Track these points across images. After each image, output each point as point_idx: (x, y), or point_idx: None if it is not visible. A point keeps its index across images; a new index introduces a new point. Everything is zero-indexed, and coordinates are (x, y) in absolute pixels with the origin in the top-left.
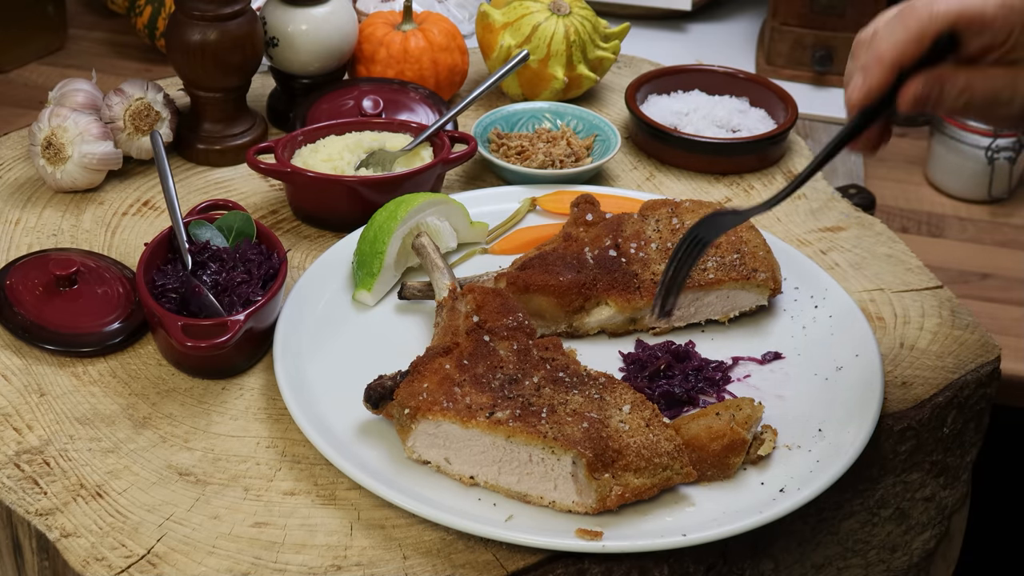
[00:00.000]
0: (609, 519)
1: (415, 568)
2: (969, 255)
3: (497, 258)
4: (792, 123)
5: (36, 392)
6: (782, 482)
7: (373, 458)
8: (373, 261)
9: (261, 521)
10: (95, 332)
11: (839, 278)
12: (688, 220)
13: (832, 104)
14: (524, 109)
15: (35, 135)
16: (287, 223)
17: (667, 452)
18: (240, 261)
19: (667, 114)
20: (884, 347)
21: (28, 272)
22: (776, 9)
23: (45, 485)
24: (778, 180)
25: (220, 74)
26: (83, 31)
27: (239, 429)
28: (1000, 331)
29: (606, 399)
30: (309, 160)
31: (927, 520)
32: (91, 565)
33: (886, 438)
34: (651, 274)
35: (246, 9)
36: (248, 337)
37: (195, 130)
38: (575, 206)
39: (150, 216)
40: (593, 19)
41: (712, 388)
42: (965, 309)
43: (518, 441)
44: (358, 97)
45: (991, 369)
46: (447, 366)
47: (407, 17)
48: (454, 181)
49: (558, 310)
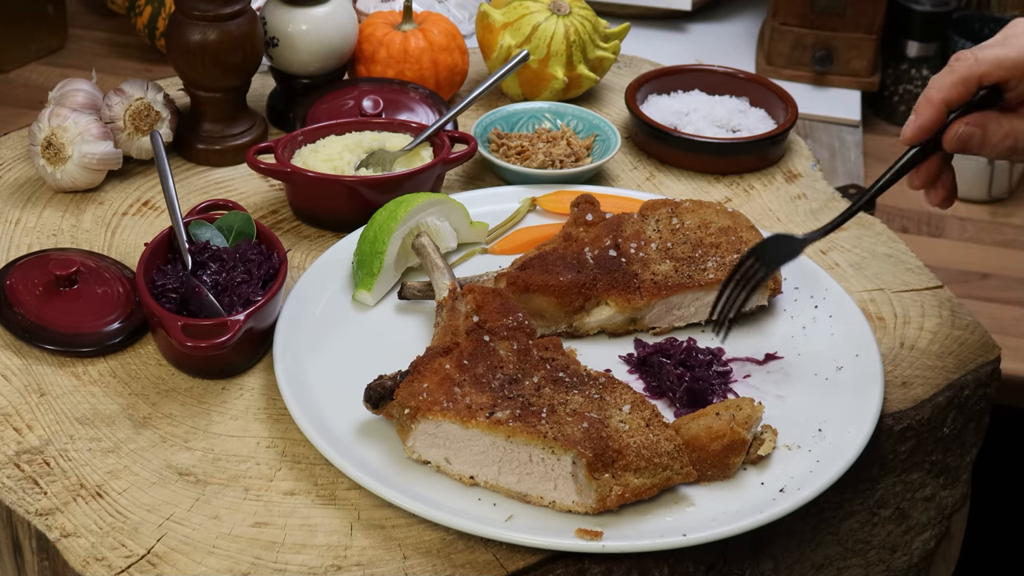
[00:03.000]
0: (609, 519)
1: (415, 568)
2: (969, 255)
3: (497, 258)
4: (792, 123)
5: (36, 392)
6: (782, 482)
7: (373, 458)
8: (373, 261)
9: (261, 521)
10: (95, 332)
11: (839, 278)
12: (688, 220)
13: (832, 104)
14: (524, 109)
15: (35, 135)
16: (287, 223)
17: (667, 452)
18: (240, 261)
19: (667, 114)
20: (884, 347)
21: (28, 272)
22: (776, 9)
23: (45, 485)
24: (778, 180)
25: (220, 74)
26: (83, 31)
27: (239, 429)
28: (1000, 331)
29: (606, 399)
30: (309, 160)
31: (927, 520)
32: (91, 565)
33: (886, 438)
34: (651, 274)
35: (246, 9)
36: (248, 337)
37: (195, 130)
38: (575, 206)
39: (150, 216)
40: (593, 19)
41: (722, 386)
42: (965, 309)
43: (518, 441)
44: (358, 97)
45: (991, 369)
46: (447, 366)
47: (407, 17)
48: (454, 181)
49: (558, 310)
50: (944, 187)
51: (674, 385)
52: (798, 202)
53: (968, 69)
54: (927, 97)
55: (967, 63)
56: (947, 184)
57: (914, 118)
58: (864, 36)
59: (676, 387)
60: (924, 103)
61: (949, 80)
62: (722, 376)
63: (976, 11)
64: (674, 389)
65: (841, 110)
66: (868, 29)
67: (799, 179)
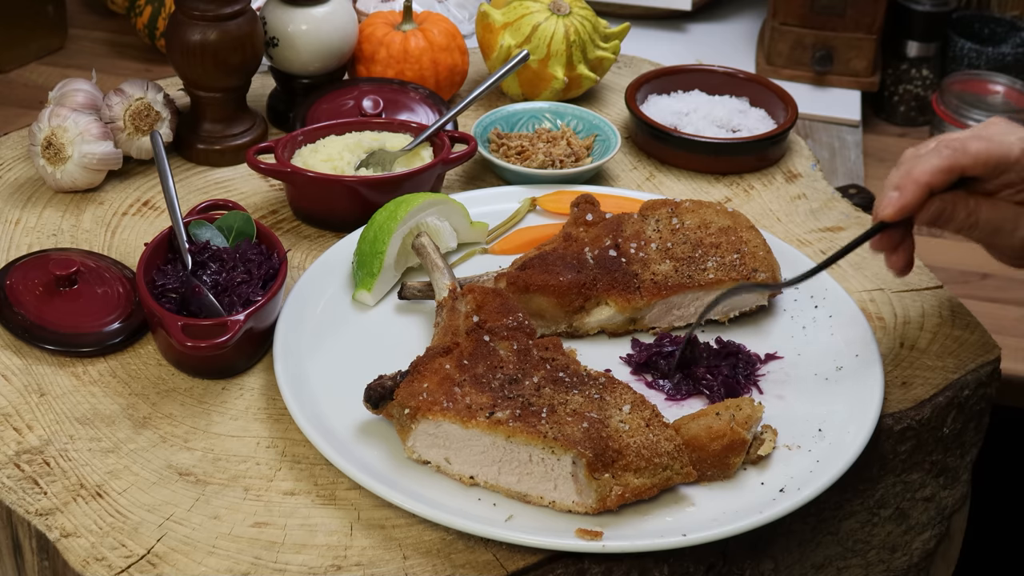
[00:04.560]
0: (609, 519)
1: (415, 568)
2: (969, 255)
3: (497, 258)
4: (792, 123)
5: (36, 392)
6: (782, 482)
7: (373, 458)
8: (373, 261)
9: (261, 521)
10: (95, 332)
11: (839, 278)
12: (688, 220)
13: (832, 104)
14: (524, 109)
15: (35, 135)
16: (287, 223)
17: (667, 452)
18: (240, 261)
19: (667, 114)
20: (884, 347)
21: (28, 272)
22: (776, 9)
23: (45, 485)
24: (778, 180)
25: (220, 74)
26: (83, 31)
27: (239, 429)
28: (1000, 331)
29: (606, 399)
30: (309, 160)
31: (927, 520)
32: (91, 565)
33: (886, 438)
34: (651, 274)
35: (246, 9)
36: (248, 337)
37: (195, 130)
38: (575, 206)
39: (150, 216)
40: (593, 19)
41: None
42: (965, 309)
43: (518, 441)
44: (358, 97)
45: (991, 369)
46: (447, 366)
47: (407, 17)
48: (454, 181)
49: (558, 310)
50: (906, 253)
51: (708, 376)
52: (798, 202)
53: (955, 159)
54: (914, 179)
55: (954, 153)
56: (908, 251)
57: (897, 196)
58: (864, 36)
59: (712, 379)
60: (911, 184)
61: (936, 165)
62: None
63: (976, 11)
64: (711, 385)
65: (841, 110)
66: (868, 29)
67: (799, 179)
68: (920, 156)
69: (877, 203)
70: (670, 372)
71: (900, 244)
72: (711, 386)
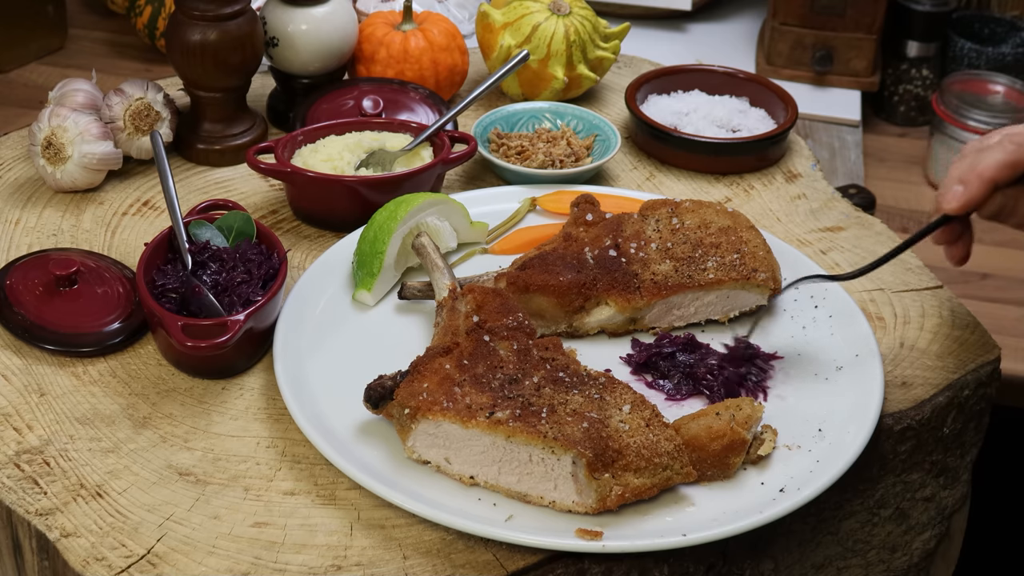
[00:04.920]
0: (609, 519)
1: (415, 568)
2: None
3: (497, 258)
4: (792, 123)
5: (36, 392)
6: (782, 482)
7: (373, 458)
8: (373, 261)
9: (261, 521)
10: (95, 332)
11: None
12: (688, 220)
13: (832, 104)
14: (524, 109)
15: (35, 135)
16: (287, 223)
17: (667, 452)
18: (240, 261)
19: (667, 114)
20: (884, 347)
21: (28, 272)
22: (776, 9)
23: (45, 485)
24: (778, 180)
25: (220, 74)
26: (83, 31)
27: (239, 429)
28: (1000, 331)
29: (606, 399)
30: (309, 160)
31: (927, 520)
32: (91, 565)
33: (886, 438)
34: (651, 274)
35: (246, 9)
36: (248, 337)
37: (195, 130)
38: (575, 206)
39: (150, 216)
40: (593, 19)
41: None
42: (965, 309)
43: (518, 441)
44: (358, 97)
45: (991, 369)
46: (447, 366)
47: (407, 17)
48: (454, 181)
49: (558, 310)
50: (965, 245)
51: (709, 375)
52: (798, 202)
53: (1020, 154)
54: (979, 173)
55: (1019, 148)
56: (968, 243)
57: (962, 191)
58: (864, 36)
59: (712, 379)
60: (976, 179)
61: (1002, 160)
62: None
63: (976, 11)
64: (711, 386)
65: (841, 110)
66: (868, 29)
67: (799, 179)
68: (983, 150)
69: (940, 196)
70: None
71: (960, 236)
72: (711, 386)
